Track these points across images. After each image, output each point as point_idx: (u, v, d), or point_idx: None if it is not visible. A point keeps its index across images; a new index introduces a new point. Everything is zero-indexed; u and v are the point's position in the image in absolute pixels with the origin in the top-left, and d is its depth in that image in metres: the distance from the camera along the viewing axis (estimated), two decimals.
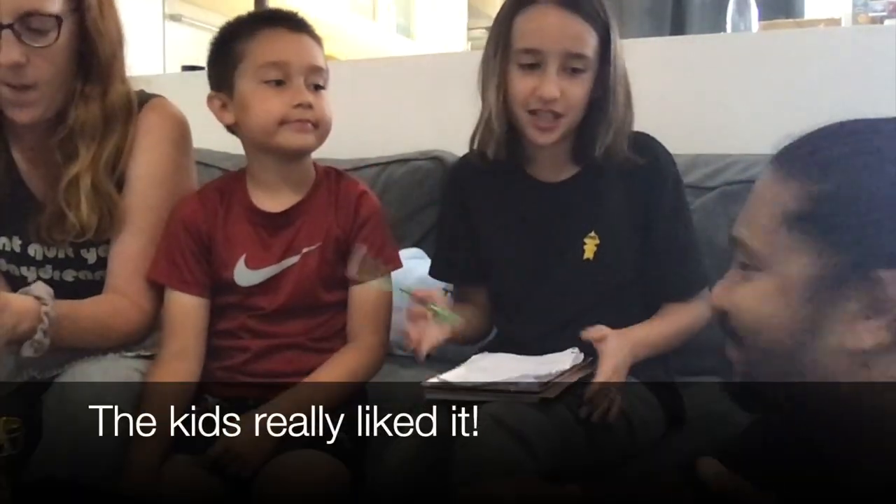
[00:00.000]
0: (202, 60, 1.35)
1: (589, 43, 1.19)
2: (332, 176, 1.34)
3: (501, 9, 1.25)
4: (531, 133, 1.22)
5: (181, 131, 1.34)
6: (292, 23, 1.28)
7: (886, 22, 2.27)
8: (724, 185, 1.58)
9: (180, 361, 1.27)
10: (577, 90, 1.20)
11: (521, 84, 1.21)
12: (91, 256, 1.32)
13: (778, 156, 0.72)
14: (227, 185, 1.34)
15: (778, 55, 1.81)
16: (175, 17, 2.73)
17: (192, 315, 1.29)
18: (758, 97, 1.79)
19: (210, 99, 1.30)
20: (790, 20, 2.31)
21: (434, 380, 1.15)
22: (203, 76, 1.34)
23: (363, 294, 1.30)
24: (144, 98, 1.33)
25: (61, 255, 1.32)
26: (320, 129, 1.26)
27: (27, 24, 1.15)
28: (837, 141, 0.70)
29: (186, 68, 2.40)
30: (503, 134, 1.25)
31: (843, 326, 0.66)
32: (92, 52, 1.24)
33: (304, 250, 1.28)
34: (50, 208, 1.25)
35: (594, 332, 1.13)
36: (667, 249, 1.25)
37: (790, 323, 0.68)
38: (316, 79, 1.25)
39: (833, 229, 0.66)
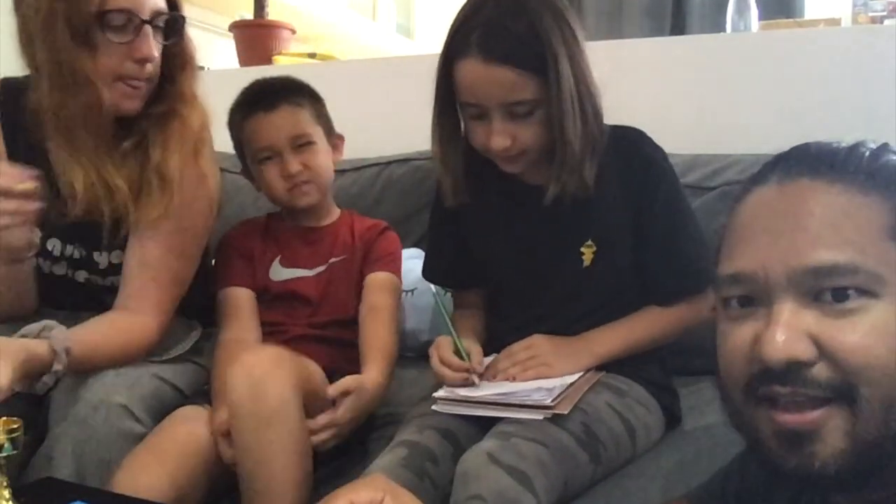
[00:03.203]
0: (202, 60, 1.37)
1: (525, 87, 1.12)
2: (355, 217, 1.55)
3: (439, 61, 1.19)
4: (499, 164, 1.22)
5: (206, 140, 1.35)
6: (267, 102, 1.43)
7: (886, 22, 2.27)
8: (724, 185, 1.57)
9: (236, 344, 1.34)
10: (528, 132, 1.15)
11: (474, 133, 1.19)
12: (103, 261, 1.32)
13: (815, 167, 0.64)
14: (267, 216, 1.55)
15: (778, 55, 1.81)
16: None
17: (241, 299, 1.42)
18: (758, 97, 1.79)
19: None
20: (790, 20, 2.31)
21: (444, 392, 1.15)
22: (203, 76, 1.35)
23: (376, 278, 1.45)
24: None
25: (76, 256, 1.33)
26: (318, 182, 1.44)
27: (156, 23, 1.25)
28: (863, 152, 0.65)
29: None
30: (462, 183, 1.26)
31: None
32: (189, 69, 1.33)
33: (331, 260, 1.46)
34: (87, 184, 1.25)
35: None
36: (658, 251, 1.23)
37: None
38: (300, 141, 1.42)
39: None
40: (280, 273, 1.46)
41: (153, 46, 1.24)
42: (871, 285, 0.59)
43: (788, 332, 0.60)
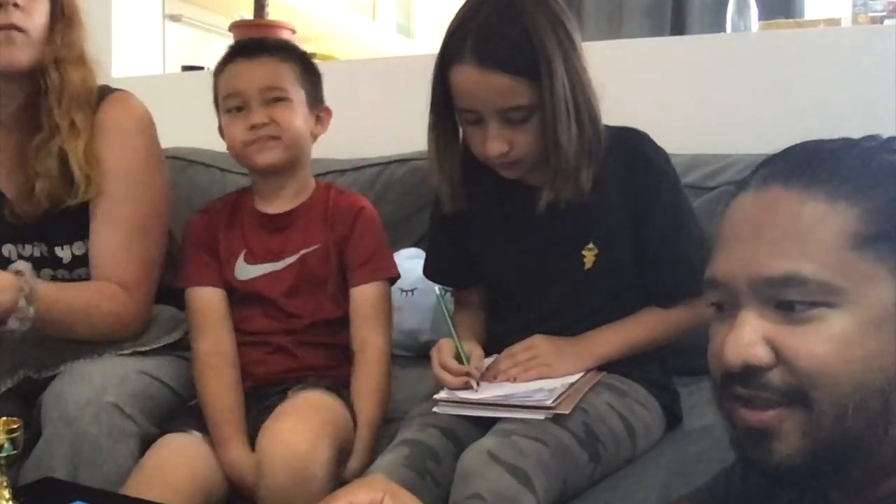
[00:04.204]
0: (202, 60, 1.36)
1: (520, 93, 1.11)
2: (332, 190, 1.43)
3: (435, 66, 1.18)
4: (497, 170, 1.21)
5: (146, 123, 1.34)
6: (249, 50, 1.36)
7: (886, 22, 2.27)
8: (724, 185, 1.57)
9: (217, 358, 1.30)
10: (525, 138, 1.14)
11: (472, 138, 1.18)
12: (66, 255, 1.31)
13: (789, 174, 0.64)
14: (234, 196, 1.44)
15: (778, 55, 1.81)
16: (175, 17, 2.73)
17: (213, 303, 1.34)
18: (758, 97, 1.79)
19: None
20: (790, 20, 2.31)
21: (445, 394, 1.15)
22: (203, 76, 1.35)
23: (363, 295, 1.35)
24: (108, 91, 1.33)
25: (36, 254, 1.31)
26: (285, 140, 1.32)
27: None
28: (853, 153, 0.65)
29: (186, 68, 2.39)
30: (460, 190, 1.25)
31: None
32: (68, 23, 1.27)
33: (302, 252, 1.35)
34: (20, 179, 1.24)
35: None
36: (659, 253, 1.23)
37: (887, 362, 0.59)
38: (272, 94, 1.32)
39: None
40: (246, 271, 1.36)
41: None
42: (826, 296, 0.60)
43: (747, 337, 0.62)
